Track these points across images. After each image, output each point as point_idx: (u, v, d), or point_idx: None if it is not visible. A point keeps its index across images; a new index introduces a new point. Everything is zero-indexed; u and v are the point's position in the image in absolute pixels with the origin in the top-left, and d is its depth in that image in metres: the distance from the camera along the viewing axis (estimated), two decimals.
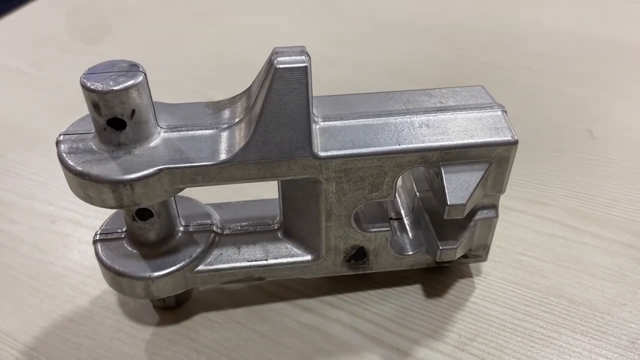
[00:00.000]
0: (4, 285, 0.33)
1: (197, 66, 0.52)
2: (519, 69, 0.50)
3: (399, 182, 0.33)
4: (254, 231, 0.30)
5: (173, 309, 0.31)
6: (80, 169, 0.24)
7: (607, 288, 0.30)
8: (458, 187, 0.25)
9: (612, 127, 0.42)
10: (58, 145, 0.25)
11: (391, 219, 0.30)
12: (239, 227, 0.30)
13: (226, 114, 0.26)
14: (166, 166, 0.24)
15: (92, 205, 0.24)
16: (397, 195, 0.32)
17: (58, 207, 0.38)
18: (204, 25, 0.60)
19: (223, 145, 0.25)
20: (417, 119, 0.26)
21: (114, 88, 0.23)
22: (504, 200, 0.33)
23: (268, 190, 0.34)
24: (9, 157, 0.43)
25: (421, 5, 0.61)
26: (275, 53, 0.24)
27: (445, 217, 0.25)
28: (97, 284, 0.33)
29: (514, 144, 0.25)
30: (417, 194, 0.30)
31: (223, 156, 0.24)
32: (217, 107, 0.27)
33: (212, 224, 0.29)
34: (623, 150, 0.40)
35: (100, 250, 0.28)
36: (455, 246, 0.27)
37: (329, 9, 0.62)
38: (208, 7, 0.63)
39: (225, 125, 0.25)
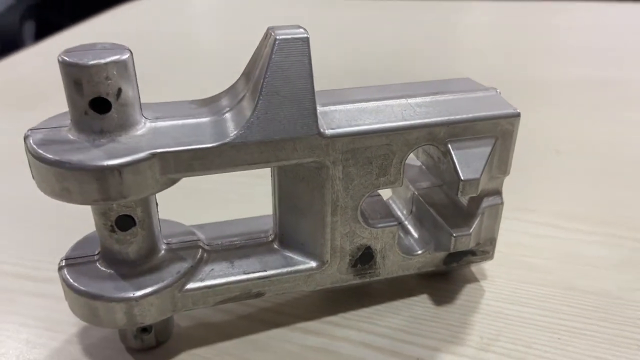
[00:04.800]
0: None
1: None
2: None
3: (389, 191, 0.31)
4: (246, 245, 0.27)
5: (152, 349, 0.27)
6: (57, 157, 0.20)
7: (614, 276, 0.30)
8: (468, 162, 0.24)
9: (575, 144, 0.44)
10: (27, 139, 0.22)
11: None
12: (229, 243, 0.27)
13: (215, 106, 0.24)
14: (159, 150, 0.21)
15: (36, 257, 0.20)
16: (391, 202, 0.30)
17: (4, 263, 0.33)
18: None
19: (220, 130, 0.22)
20: (416, 100, 0.25)
21: (101, 61, 0.20)
22: None
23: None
24: None
25: (379, 61, 0.63)
26: (271, 28, 0.23)
27: (460, 194, 0.24)
28: (55, 335, 0.28)
29: (517, 116, 0.25)
30: (415, 192, 0.28)
31: (222, 138, 0.22)
32: (203, 103, 0.25)
33: (198, 240, 0.26)
34: (589, 161, 0.41)
35: (68, 275, 0.24)
36: (469, 232, 0.26)
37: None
38: (148, 72, 0.62)
39: (219, 114, 0.23)
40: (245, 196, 0.38)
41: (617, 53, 0.64)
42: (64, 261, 0.25)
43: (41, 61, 0.67)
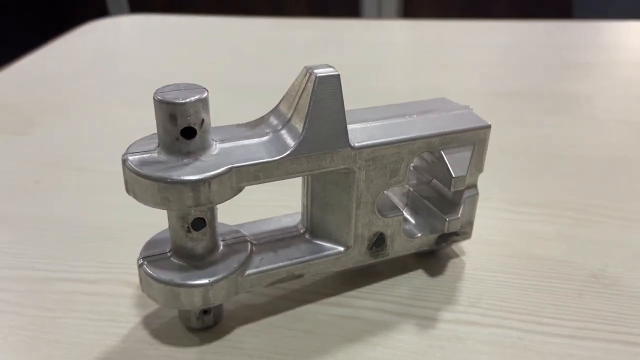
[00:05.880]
0: (21, 344, 0.31)
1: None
2: None
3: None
4: (283, 238, 0.33)
5: (210, 328, 0.32)
6: (160, 174, 0.26)
7: (556, 245, 0.39)
8: (457, 163, 0.32)
9: (514, 145, 0.53)
10: (126, 162, 0.27)
11: None
12: (270, 237, 0.33)
13: (264, 127, 0.30)
14: (235, 165, 0.27)
15: (87, 261, 0.25)
16: (390, 195, 0.38)
17: (51, 271, 0.37)
18: (130, 111, 0.62)
19: (275, 148, 0.29)
20: (413, 118, 0.33)
21: (191, 99, 0.26)
22: None
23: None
24: None
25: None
26: (310, 68, 0.29)
27: (452, 189, 0.32)
28: (123, 325, 0.33)
29: (488, 127, 0.33)
30: (411, 189, 0.36)
31: (281, 154, 0.28)
32: (249, 126, 0.31)
33: (245, 236, 0.32)
34: (527, 157, 0.51)
35: (149, 270, 0.30)
36: (457, 216, 0.34)
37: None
38: (134, 95, 0.66)
39: (270, 135, 0.30)
40: (245, 201, 0.44)
41: (528, 68, 0.76)
42: (141, 260, 0.30)
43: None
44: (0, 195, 0.45)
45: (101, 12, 1.84)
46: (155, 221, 0.34)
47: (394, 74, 0.74)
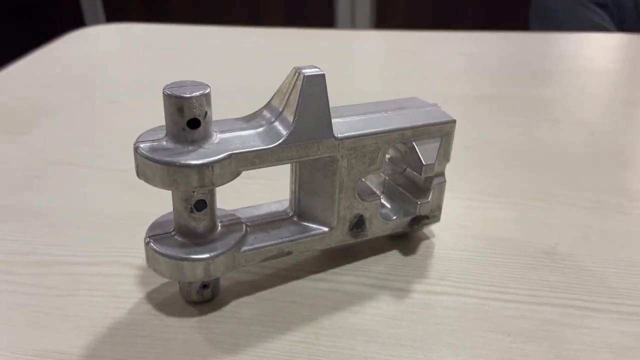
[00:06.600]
0: (33, 318, 0.35)
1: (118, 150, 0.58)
2: None
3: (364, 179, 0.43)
4: (274, 220, 0.37)
5: (208, 301, 0.36)
6: (169, 159, 0.30)
7: (515, 227, 0.43)
8: (427, 152, 0.37)
9: (477, 142, 0.58)
10: (137, 149, 0.31)
11: None
12: (261, 220, 0.37)
13: (259, 120, 0.34)
14: (234, 152, 0.31)
15: (89, 247, 0.29)
16: (368, 184, 0.42)
17: (56, 256, 0.40)
18: (119, 112, 0.66)
19: (269, 137, 0.33)
20: (390, 114, 0.37)
21: (196, 94, 0.30)
22: None
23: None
24: None
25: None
26: (299, 68, 0.33)
27: (423, 175, 0.36)
28: (128, 300, 0.36)
29: (454, 122, 0.38)
30: (386, 177, 0.40)
31: (274, 142, 0.32)
32: (246, 119, 0.35)
33: (240, 218, 0.36)
34: (489, 153, 0.56)
35: (155, 247, 0.33)
36: (428, 200, 0.38)
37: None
38: (122, 98, 0.69)
39: (264, 127, 0.34)
40: (239, 192, 0.48)
41: (492, 75, 0.81)
42: (148, 238, 0.34)
43: None
44: (5, 189, 0.48)
45: (78, 21, 1.86)
46: (148, 210, 0.38)
47: (368, 80, 0.79)
